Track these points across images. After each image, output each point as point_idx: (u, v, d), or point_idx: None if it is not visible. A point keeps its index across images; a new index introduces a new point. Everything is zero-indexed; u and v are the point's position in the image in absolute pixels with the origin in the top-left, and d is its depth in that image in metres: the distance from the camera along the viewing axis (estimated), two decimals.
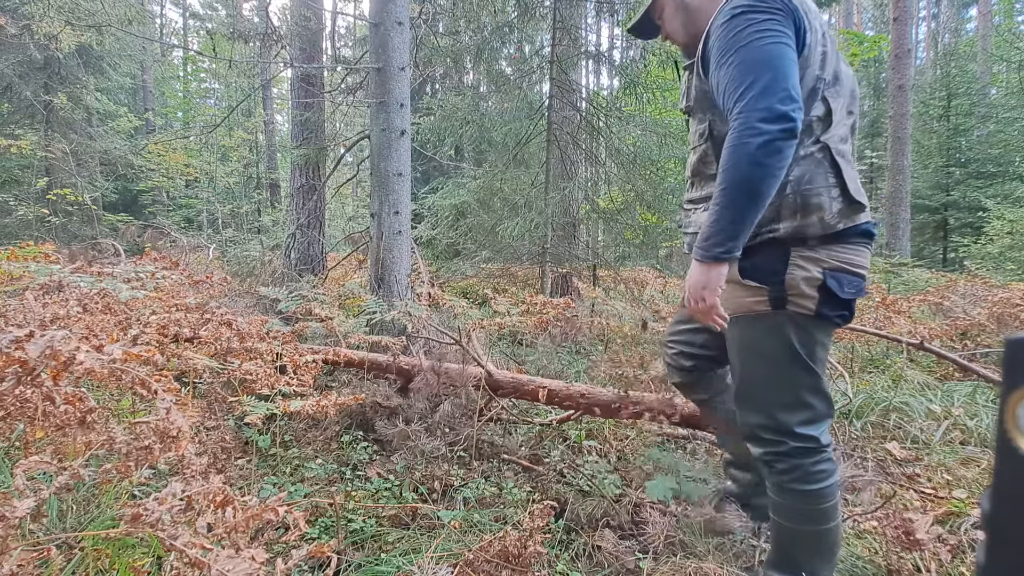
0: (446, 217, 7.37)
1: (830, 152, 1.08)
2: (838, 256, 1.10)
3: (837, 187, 1.08)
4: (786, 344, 1.14)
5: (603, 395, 2.19)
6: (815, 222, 1.08)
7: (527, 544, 1.22)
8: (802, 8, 1.05)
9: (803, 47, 1.04)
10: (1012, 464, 0.35)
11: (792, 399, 1.16)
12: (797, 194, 1.09)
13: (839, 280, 1.09)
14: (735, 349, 1.23)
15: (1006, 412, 0.34)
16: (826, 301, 1.09)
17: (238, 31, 5.00)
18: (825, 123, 1.09)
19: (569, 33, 4.91)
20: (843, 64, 1.14)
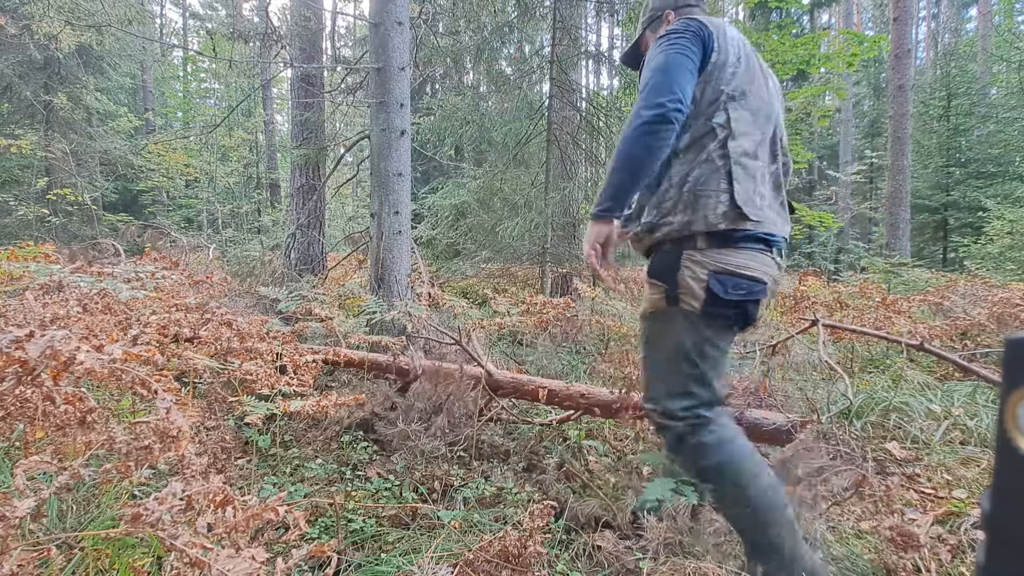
0: (446, 217, 7.36)
1: (729, 161, 1.23)
2: (724, 259, 1.23)
3: (727, 193, 1.22)
4: (675, 338, 1.29)
5: (603, 395, 2.19)
6: (700, 219, 1.23)
7: (527, 544, 1.22)
8: (717, 34, 1.27)
9: (707, 63, 1.25)
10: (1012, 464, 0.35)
11: (677, 387, 1.29)
12: (691, 192, 1.24)
13: (722, 282, 1.22)
14: (641, 341, 1.40)
15: (1006, 412, 0.34)
16: (711, 301, 1.23)
17: (238, 31, 5.00)
18: (727, 132, 1.24)
19: (569, 33, 4.91)
20: (763, 91, 1.29)
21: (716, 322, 1.26)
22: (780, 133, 1.33)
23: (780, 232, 1.29)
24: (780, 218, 1.30)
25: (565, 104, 4.97)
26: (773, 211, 1.28)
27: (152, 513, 0.83)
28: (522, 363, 3.31)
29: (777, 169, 1.31)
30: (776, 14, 12.93)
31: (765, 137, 1.28)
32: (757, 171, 1.25)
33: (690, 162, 1.25)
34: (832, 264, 10.16)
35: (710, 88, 1.25)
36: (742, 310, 1.25)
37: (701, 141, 1.25)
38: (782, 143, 1.33)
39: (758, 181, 1.24)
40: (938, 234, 11.08)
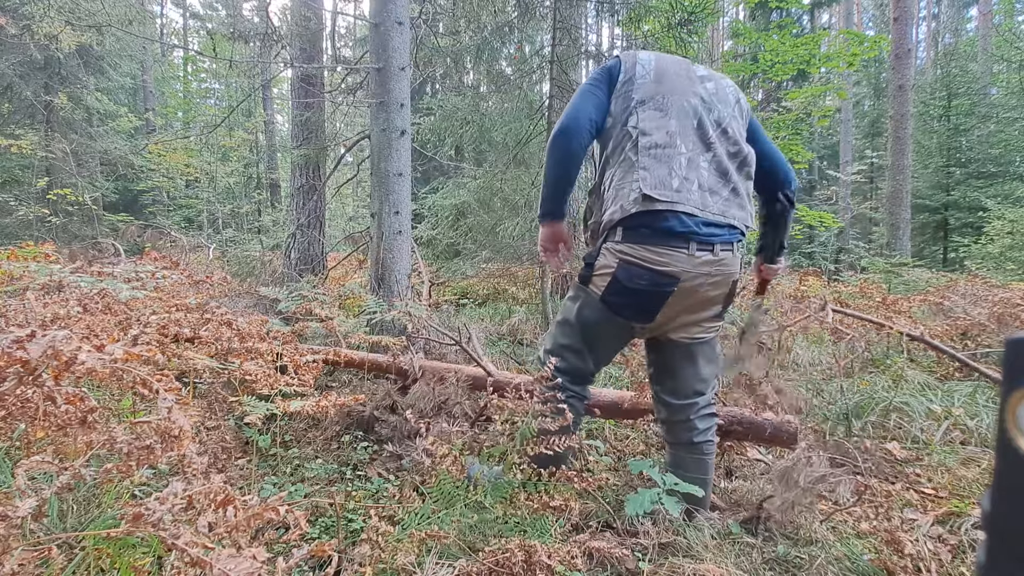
0: (446, 217, 7.37)
1: (639, 155, 1.37)
2: (634, 252, 1.36)
3: (637, 182, 1.35)
4: (573, 309, 1.51)
5: (603, 395, 2.19)
6: (618, 209, 1.38)
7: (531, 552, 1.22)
8: (624, 61, 1.47)
9: (615, 84, 1.46)
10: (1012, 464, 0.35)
11: (556, 348, 1.54)
12: (615, 188, 1.41)
13: (628, 272, 1.37)
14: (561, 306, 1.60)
15: (1006, 412, 0.34)
16: (613, 288, 1.40)
17: (238, 31, 5.00)
18: (638, 131, 1.38)
19: (569, 33, 4.91)
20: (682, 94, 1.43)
21: (613, 309, 1.42)
22: (716, 125, 1.43)
23: (719, 217, 1.37)
24: (723, 203, 1.39)
25: (565, 104, 4.97)
26: (706, 194, 1.37)
27: (153, 513, 0.83)
28: (522, 363, 3.30)
29: (717, 157, 1.41)
30: (776, 14, 12.92)
31: (685, 128, 1.39)
32: (674, 158, 1.36)
33: (614, 165, 1.43)
34: (832, 264, 10.16)
35: (621, 100, 1.44)
36: (641, 301, 1.39)
37: (621, 144, 1.42)
38: (724, 134, 1.43)
39: (675, 167, 1.35)
40: (938, 234, 11.08)
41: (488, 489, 1.53)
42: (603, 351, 1.54)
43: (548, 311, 4.55)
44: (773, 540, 1.55)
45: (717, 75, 1.53)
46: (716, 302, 1.47)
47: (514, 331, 4.42)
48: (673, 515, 1.50)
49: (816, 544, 1.47)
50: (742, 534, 1.53)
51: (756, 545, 1.48)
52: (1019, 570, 0.36)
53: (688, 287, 1.37)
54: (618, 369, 3.31)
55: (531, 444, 1.45)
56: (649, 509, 1.52)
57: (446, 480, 1.73)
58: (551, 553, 1.33)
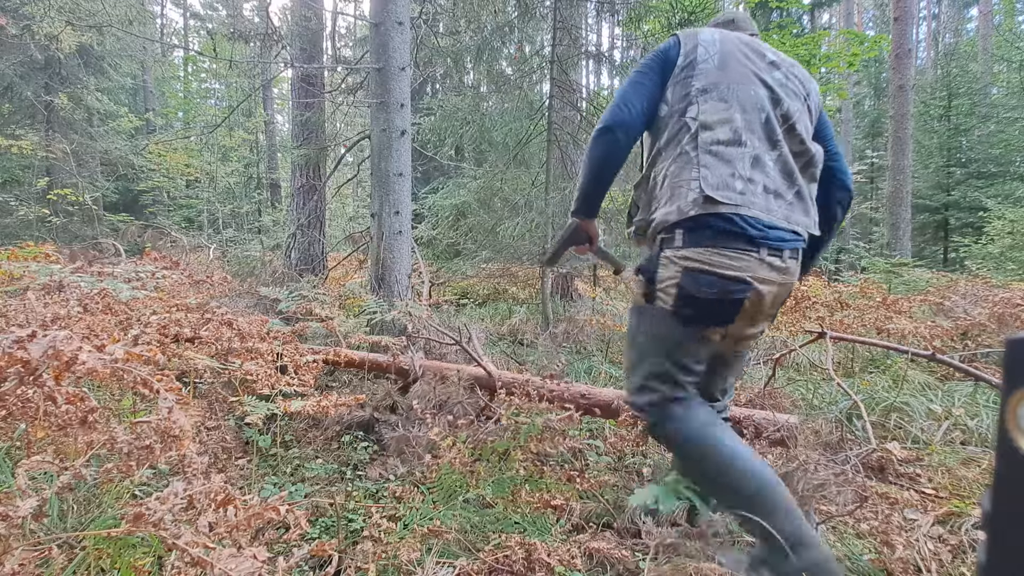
0: (446, 217, 7.37)
1: (699, 151, 1.26)
2: (699, 257, 1.24)
3: (697, 181, 1.24)
4: (647, 333, 1.35)
5: (604, 395, 2.20)
6: (675, 210, 1.26)
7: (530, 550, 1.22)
8: (684, 42, 1.35)
9: (671, 70, 1.35)
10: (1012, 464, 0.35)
11: (645, 380, 1.35)
12: (670, 186, 1.29)
13: (695, 279, 1.24)
14: (627, 333, 1.45)
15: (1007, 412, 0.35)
16: (683, 299, 1.26)
17: (238, 31, 5.00)
18: (698, 123, 1.27)
19: (569, 33, 4.91)
20: (748, 83, 1.31)
21: (688, 321, 1.28)
22: (783, 120, 1.30)
23: (782, 222, 1.24)
24: (787, 207, 1.25)
25: (565, 104, 4.97)
26: (770, 197, 1.24)
27: (154, 512, 0.83)
28: (522, 363, 3.31)
29: (783, 156, 1.28)
30: (776, 14, 12.91)
31: (751, 123, 1.27)
32: (737, 157, 1.24)
33: (669, 158, 1.31)
34: (833, 264, 10.16)
35: (680, 87, 1.32)
36: (716, 310, 1.26)
37: (677, 137, 1.30)
38: (791, 131, 1.30)
39: (739, 166, 1.24)
40: (939, 234, 11.07)
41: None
42: (691, 367, 1.33)
43: (548, 311, 4.55)
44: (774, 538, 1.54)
45: (788, 61, 1.39)
46: (771, 315, 1.36)
47: (514, 331, 4.42)
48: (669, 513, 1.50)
49: None
50: (744, 534, 1.52)
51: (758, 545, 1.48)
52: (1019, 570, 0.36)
53: (756, 295, 1.24)
54: (617, 369, 3.31)
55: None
56: (653, 505, 1.53)
57: (448, 474, 1.73)
58: (551, 552, 1.33)
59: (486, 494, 1.69)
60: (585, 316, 4.52)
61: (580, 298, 6.05)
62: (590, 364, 3.42)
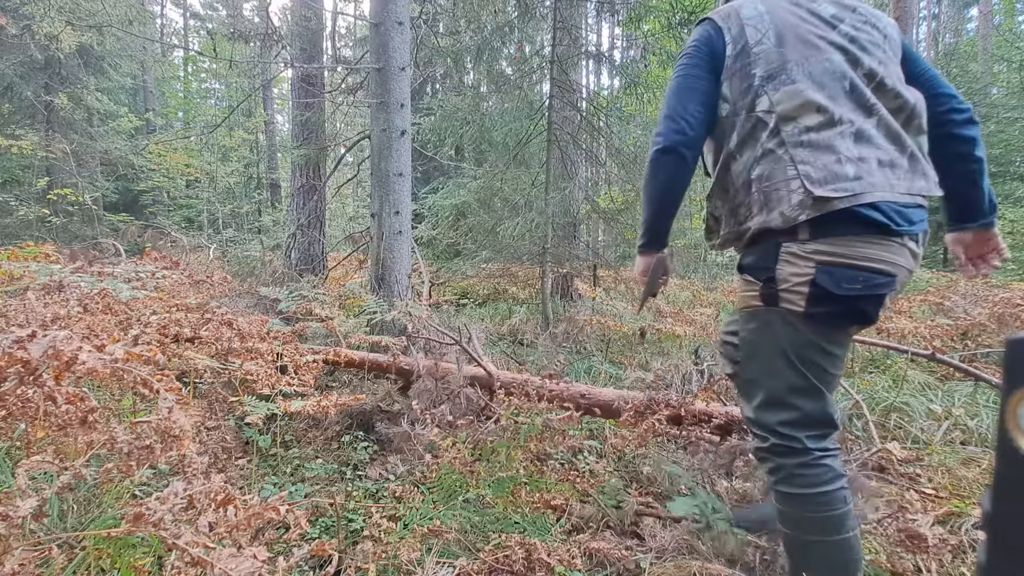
0: (446, 217, 7.37)
1: (788, 147, 1.09)
2: (835, 249, 1.06)
3: (796, 179, 1.07)
4: (774, 342, 1.14)
5: (604, 395, 2.20)
6: (776, 216, 1.09)
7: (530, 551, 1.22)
8: (726, 26, 1.18)
9: (722, 62, 1.18)
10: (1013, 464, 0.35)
11: (774, 397, 1.16)
12: (760, 192, 1.12)
13: (833, 275, 1.06)
14: (740, 342, 1.26)
15: (1007, 412, 0.35)
16: (818, 298, 1.07)
17: (238, 31, 5.00)
18: (775, 116, 1.11)
19: (569, 33, 4.91)
20: (817, 50, 1.12)
21: (824, 323, 1.10)
22: (869, 79, 1.12)
23: (906, 196, 1.06)
24: (905, 176, 1.08)
25: (565, 104, 4.97)
26: (888, 171, 1.07)
27: (154, 512, 0.83)
28: (522, 363, 3.31)
29: (883, 119, 1.10)
30: None
31: (836, 95, 1.10)
32: (836, 138, 1.08)
33: (748, 161, 1.15)
34: None
35: (738, 79, 1.16)
36: (857, 308, 1.08)
37: (752, 135, 1.14)
38: (882, 87, 1.12)
39: (842, 149, 1.07)
40: (939, 234, 11.05)
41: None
42: (830, 374, 1.16)
43: (548, 311, 4.55)
44: (774, 540, 1.55)
45: (849, 6, 1.19)
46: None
47: (514, 331, 4.42)
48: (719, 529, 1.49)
49: None
50: (746, 534, 1.52)
51: (761, 546, 1.48)
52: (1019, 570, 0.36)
53: (898, 285, 1.09)
54: (618, 369, 3.32)
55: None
56: (693, 513, 1.53)
57: (448, 474, 1.73)
58: (551, 552, 1.33)
59: (486, 494, 1.69)
60: (585, 316, 4.52)
61: (580, 298, 6.05)
62: (590, 364, 3.42)
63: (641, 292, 1.38)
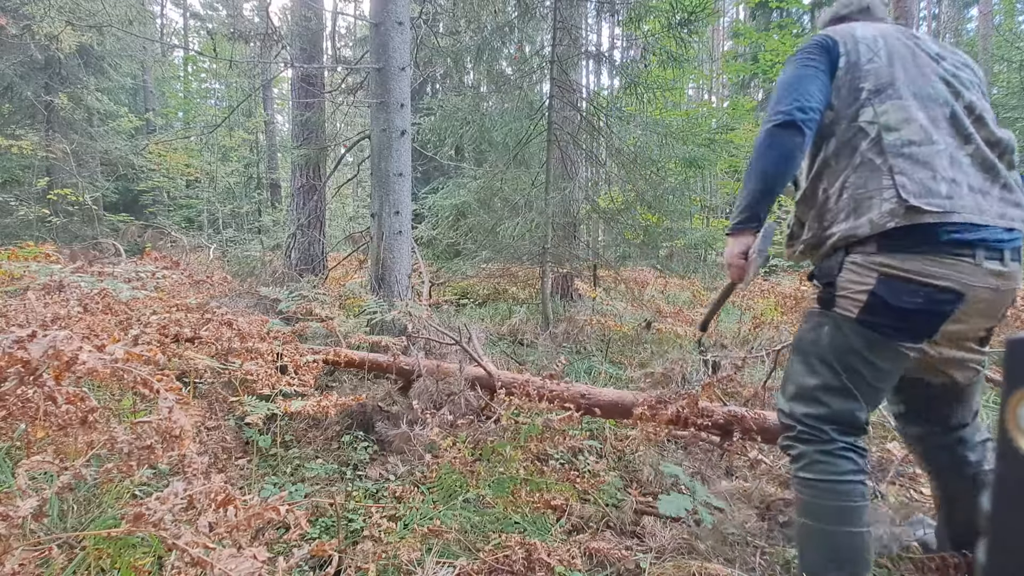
0: (446, 217, 7.36)
1: (888, 157, 1.13)
2: (899, 263, 1.10)
3: (891, 189, 1.11)
4: (820, 341, 1.21)
5: (604, 395, 2.20)
6: (865, 223, 1.13)
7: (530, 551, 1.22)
8: (842, 40, 1.24)
9: (836, 70, 1.22)
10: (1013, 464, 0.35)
11: (806, 392, 1.21)
12: (852, 198, 1.16)
13: (892, 287, 1.10)
14: (796, 336, 1.32)
15: (1007, 412, 0.34)
16: (874, 307, 1.12)
17: (238, 31, 5.00)
18: (878, 127, 1.15)
19: (569, 33, 4.91)
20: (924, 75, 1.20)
21: (873, 332, 1.14)
22: (968, 112, 1.19)
23: (995, 221, 1.09)
24: (997, 203, 1.11)
25: (565, 104, 4.97)
26: (979, 196, 1.10)
27: (154, 512, 0.83)
28: (522, 363, 3.31)
29: (978, 150, 1.16)
30: (776, 14, 12.93)
31: (937, 120, 1.15)
32: (935, 157, 1.12)
33: (843, 168, 1.19)
34: None
35: (846, 90, 1.21)
36: (913, 321, 1.11)
37: (851, 144, 1.18)
38: (979, 121, 1.19)
39: (939, 167, 1.11)
40: None
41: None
42: (871, 386, 1.19)
43: (548, 311, 4.55)
44: (775, 539, 1.55)
45: (948, 48, 1.29)
46: (984, 331, 1.23)
47: (514, 331, 4.42)
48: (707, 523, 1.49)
49: None
50: (746, 534, 1.53)
51: (760, 546, 1.48)
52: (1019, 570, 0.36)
53: (971, 304, 1.10)
54: (618, 369, 3.31)
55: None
56: (683, 515, 1.53)
57: (448, 474, 1.73)
58: (551, 552, 1.33)
59: (486, 494, 1.69)
60: (585, 316, 4.52)
61: (580, 298, 6.05)
62: (590, 364, 3.42)
63: (733, 275, 1.31)
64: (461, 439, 1.87)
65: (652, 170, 4.92)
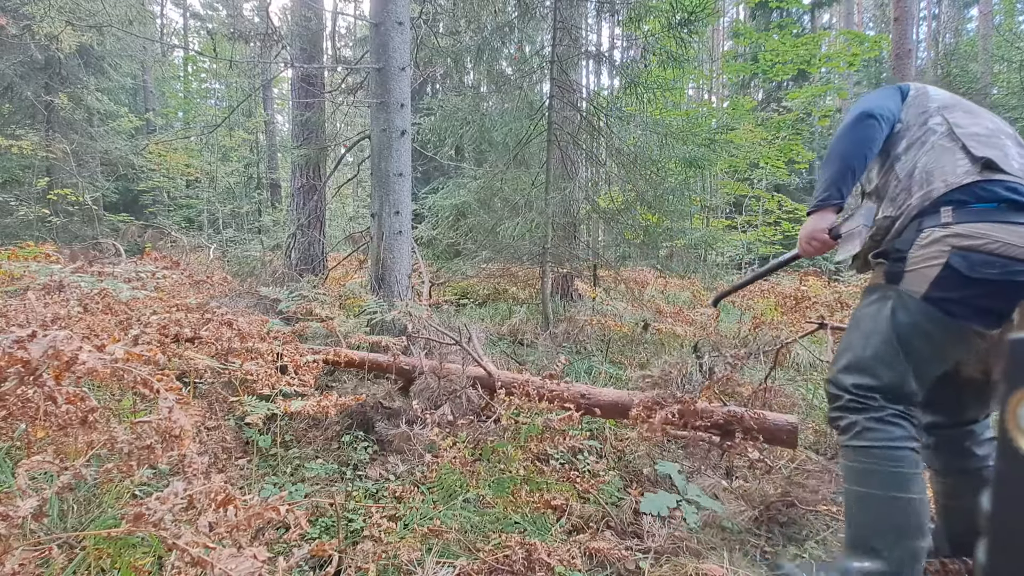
0: (446, 217, 7.36)
1: (959, 139, 1.23)
2: (976, 231, 1.10)
3: (964, 155, 1.19)
4: (881, 314, 1.22)
5: (604, 395, 2.20)
6: (939, 184, 1.19)
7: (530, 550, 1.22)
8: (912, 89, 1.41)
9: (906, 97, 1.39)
10: (1013, 464, 0.35)
11: (859, 363, 1.22)
12: (923, 171, 1.24)
13: (968, 259, 1.10)
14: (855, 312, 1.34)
15: (1007, 412, 0.35)
16: (946, 281, 1.12)
17: (238, 31, 5.00)
18: (948, 125, 1.27)
19: (569, 33, 4.90)
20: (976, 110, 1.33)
21: (941, 313, 1.14)
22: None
23: None
24: None
25: (565, 104, 4.97)
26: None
27: (154, 512, 0.83)
28: (522, 363, 3.31)
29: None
30: (776, 14, 12.92)
31: (1000, 130, 1.27)
32: (1003, 146, 1.21)
33: (915, 154, 1.28)
34: (833, 264, 10.16)
35: (914, 108, 1.35)
36: (985, 297, 1.10)
37: (922, 139, 1.29)
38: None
39: (1008, 151, 1.20)
40: None
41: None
42: (927, 367, 1.19)
43: (548, 311, 4.55)
44: (775, 540, 1.55)
45: None
46: None
47: (514, 331, 4.42)
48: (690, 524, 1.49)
49: (820, 544, 1.47)
50: (746, 534, 1.53)
51: (759, 546, 1.48)
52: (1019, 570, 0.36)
53: None
54: (618, 368, 3.31)
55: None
56: (665, 514, 1.53)
57: (448, 474, 1.73)
58: (551, 552, 1.33)
59: (486, 494, 1.69)
60: (585, 316, 4.52)
61: (580, 298, 6.05)
62: (590, 364, 3.42)
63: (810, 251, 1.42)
64: (461, 439, 1.87)
65: (652, 170, 4.92)
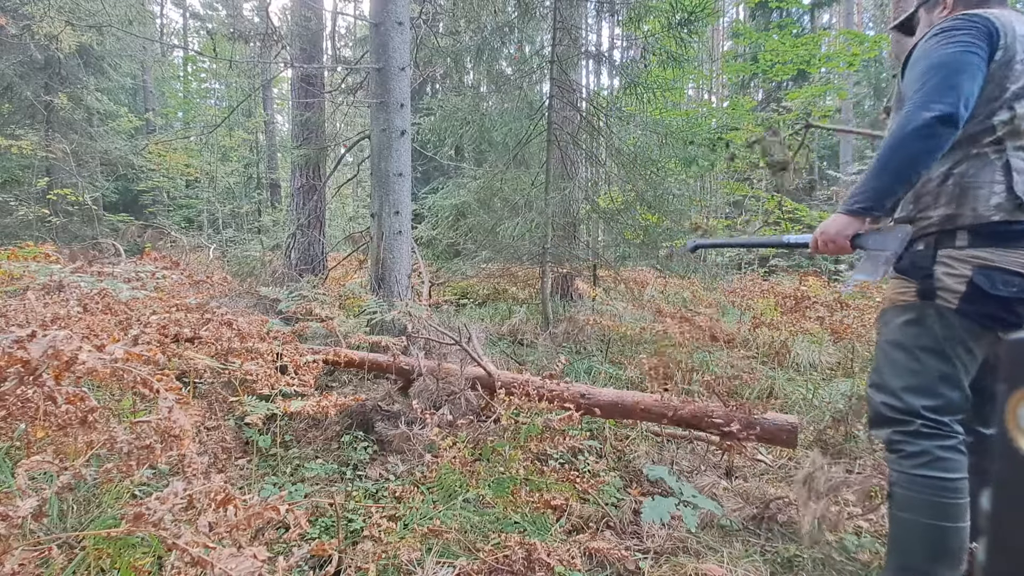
0: (446, 217, 7.36)
1: (1006, 153, 1.14)
2: (992, 257, 1.13)
3: (1002, 184, 1.13)
4: (925, 332, 1.20)
5: (604, 395, 2.20)
6: (968, 212, 1.15)
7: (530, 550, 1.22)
8: (1004, 29, 1.16)
9: (991, 61, 1.15)
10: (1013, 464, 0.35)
11: (922, 384, 1.20)
12: (957, 184, 1.17)
13: (990, 277, 1.13)
14: (879, 338, 1.31)
15: (1007, 412, 0.34)
16: (973, 296, 1.14)
17: (238, 31, 5.00)
18: (1009, 128, 1.15)
19: (569, 33, 4.90)
20: None
21: (973, 321, 1.16)
22: None
23: None
24: None
25: (565, 104, 4.97)
26: None
27: (154, 512, 0.83)
28: (522, 363, 3.31)
29: None
30: (776, 14, 12.92)
31: None
32: None
33: (955, 157, 1.19)
34: (833, 264, 10.16)
35: (991, 86, 1.16)
36: (1008, 310, 1.13)
37: (973, 137, 1.18)
38: None
39: None
40: None
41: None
42: (967, 375, 1.22)
43: (548, 311, 4.55)
44: (774, 539, 1.55)
45: None
46: None
47: (514, 331, 4.42)
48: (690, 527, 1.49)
49: (819, 544, 1.47)
50: (746, 533, 1.53)
51: (759, 545, 1.48)
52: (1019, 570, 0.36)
53: None
54: (617, 369, 3.32)
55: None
56: (667, 520, 1.53)
57: (448, 474, 1.73)
58: (551, 552, 1.33)
59: (486, 494, 1.69)
60: (585, 316, 4.52)
61: (580, 298, 6.05)
62: (590, 364, 3.42)
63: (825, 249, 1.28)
64: (461, 439, 1.87)
65: (652, 170, 4.91)
